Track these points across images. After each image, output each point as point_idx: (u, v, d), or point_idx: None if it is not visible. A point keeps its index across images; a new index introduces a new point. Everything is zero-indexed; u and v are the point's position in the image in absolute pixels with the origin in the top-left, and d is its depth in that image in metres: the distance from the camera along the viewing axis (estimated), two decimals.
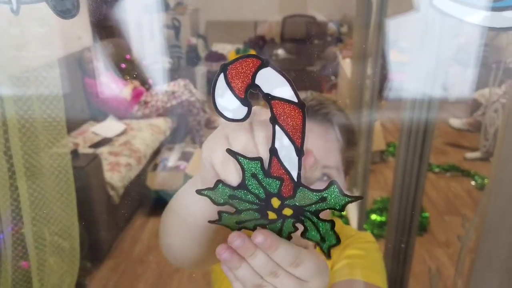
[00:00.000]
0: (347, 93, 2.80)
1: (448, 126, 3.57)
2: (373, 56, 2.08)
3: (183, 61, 4.18)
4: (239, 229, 0.31)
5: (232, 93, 0.26)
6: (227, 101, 0.26)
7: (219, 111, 0.27)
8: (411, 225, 1.54)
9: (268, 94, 0.26)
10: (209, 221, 0.32)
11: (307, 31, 4.36)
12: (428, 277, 1.60)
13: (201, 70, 4.00)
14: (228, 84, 0.26)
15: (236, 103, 0.26)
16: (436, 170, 2.96)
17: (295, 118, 0.26)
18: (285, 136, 0.27)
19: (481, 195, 2.66)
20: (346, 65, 3.09)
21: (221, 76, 0.26)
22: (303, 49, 4.35)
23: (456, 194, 2.71)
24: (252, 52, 4.07)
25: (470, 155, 3.13)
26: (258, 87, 0.26)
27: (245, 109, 0.27)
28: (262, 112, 0.29)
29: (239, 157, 0.28)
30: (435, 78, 1.32)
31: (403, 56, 2.51)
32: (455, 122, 3.54)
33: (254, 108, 0.28)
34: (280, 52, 4.40)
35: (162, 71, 3.83)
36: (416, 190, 1.51)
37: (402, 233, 1.56)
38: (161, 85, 3.25)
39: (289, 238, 0.31)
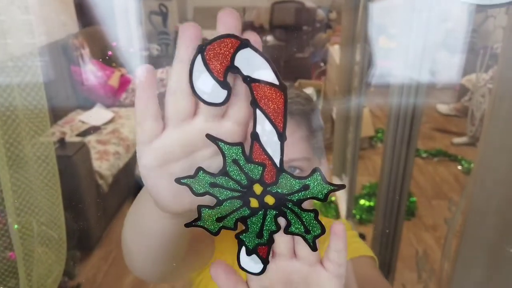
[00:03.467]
0: (336, 79, 2.80)
1: (435, 111, 3.60)
2: (361, 42, 2.07)
3: (171, 48, 4.12)
4: (219, 230, 0.30)
5: (211, 75, 0.25)
6: (205, 84, 0.25)
7: (197, 94, 0.26)
8: (399, 210, 1.55)
9: (248, 77, 0.25)
10: (186, 224, 0.29)
11: (296, 17, 4.32)
12: (416, 260, 1.63)
13: None
14: (206, 65, 0.25)
15: (215, 85, 0.25)
16: (424, 155, 2.99)
17: (276, 101, 0.25)
18: (267, 121, 0.26)
19: (468, 179, 2.71)
20: (335, 52, 3.08)
21: (199, 57, 0.25)
22: (292, 35, 4.32)
23: (443, 178, 2.75)
24: None
25: (457, 140, 3.16)
26: (237, 69, 0.25)
27: (224, 92, 0.26)
28: None
29: (220, 143, 0.27)
30: (422, 64, 1.32)
31: (391, 42, 2.50)
32: (443, 107, 3.57)
33: None
34: (269, 38, 4.37)
35: (150, 58, 3.78)
36: (404, 175, 1.52)
37: (390, 217, 1.58)
38: None
39: (270, 240, 0.30)
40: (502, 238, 0.93)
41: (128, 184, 2.50)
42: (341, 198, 2.27)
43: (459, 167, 2.84)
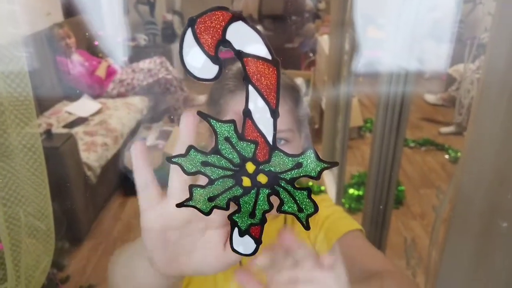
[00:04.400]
0: (325, 70, 2.80)
1: (423, 101, 3.63)
2: (349, 32, 2.07)
3: (158, 38, 4.07)
4: (211, 209, 0.30)
5: (201, 49, 0.24)
6: (196, 59, 0.25)
7: (188, 70, 0.25)
8: (388, 199, 1.57)
9: (240, 51, 0.25)
10: (177, 204, 0.30)
11: (285, 7, 4.30)
12: (404, 248, 1.65)
13: (177, 47, 3.90)
14: (197, 39, 0.24)
15: (206, 60, 0.25)
16: (412, 144, 3.01)
17: (269, 76, 0.25)
18: (259, 97, 0.25)
19: (455, 168, 2.74)
20: (324, 42, 3.08)
21: (189, 31, 0.24)
22: (281, 25, 4.30)
23: (430, 167, 2.78)
24: None
25: (444, 129, 3.19)
26: (229, 43, 0.25)
27: (215, 67, 0.25)
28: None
29: (211, 120, 0.26)
30: (410, 53, 1.33)
31: (380, 32, 2.51)
32: (430, 97, 3.60)
33: None
34: (258, 28, 4.34)
35: (138, 48, 3.74)
36: (392, 164, 1.53)
37: (379, 206, 1.59)
38: (136, 63, 3.16)
39: (263, 219, 0.30)
40: (489, 225, 0.95)
41: (117, 175, 2.48)
42: (330, 187, 2.28)
43: (446, 156, 2.88)
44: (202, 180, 0.29)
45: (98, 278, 1.84)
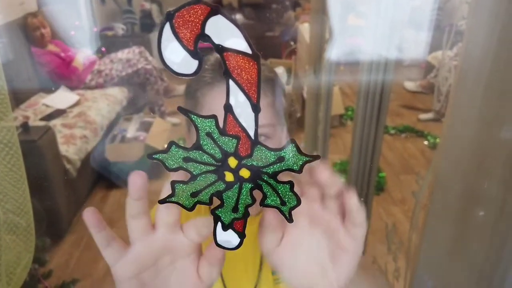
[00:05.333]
0: (306, 58, 2.80)
1: (402, 88, 3.68)
2: (328, 20, 2.07)
3: (137, 28, 3.99)
4: (194, 205, 0.29)
5: (180, 44, 0.24)
6: (175, 54, 0.24)
7: (166, 65, 0.25)
8: (369, 185, 1.59)
9: (219, 45, 0.24)
10: (160, 201, 0.30)
11: None
12: (385, 233, 1.68)
13: (156, 37, 3.84)
14: (175, 34, 0.24)
15: (185, 55, 0.24)
16: (392, 131, 3.06)
17: (249, 71, 0.25)
18: (240, 92, 0.25)
19: (434, 153, 2.79)
20: (305, 30, 3.07)
21: (167, 25, 0.24)
22: (262, 14, 4.27)
23: (410, 154, 2.83)
24: None
25: (423, 116, 3.25)
26: (208, 37, 0.24)
27: (195, 63, 0.25)
28: None
29: (192, 115, 0.26)
30: (390, 41, 1.34)
31: (360, 20, 2.52)
32: (409, 84, 3.65)
33: None
34: (238, 17, 4.30)
35: (115, 38, 3.66)
36: (373, 151, 1.55)
37: (361, 193, 1.62)
38: (114, 53, 3.10)
39: (246, 213, 0.30)
40: (466, 210, 0.97)
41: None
42: None
43: (425, 143, 2.93)
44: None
45: (81, 272, 1.82)
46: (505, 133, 0.90)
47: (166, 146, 0.28)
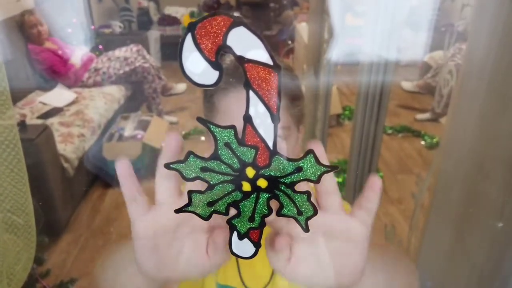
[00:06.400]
0: (304, 57, 2.80)
1: (400, 88, 3.69)
2: (328, 20, 2.07)
3: (134, 25, 3.98)
4: (210, 214, 0.29)
5: (201, 55, 0.24)
6: (196, 65, 0.24)
7: (187, 75, 0.25)
8: None
9: (241, 57, 0.24)
10: (176, 210, 0.30)
11: None
12: (384, 233, 1.69)
13: (154, 34, 3.83)
14: (197, 45, 0.24)
15: (206, 66, 0.24)
16: (389, 131, 3.07)
17: (270, 82, 0.25)
18: (260, 103, 0.25)
19: (431, 154, 2.81)
20: (303, 29, 3.07)
21: (189, 36, 0.24)
22: (260, 13, 4.27)
23: (407, 153, 2.84)
24: None
25: (420, 116, 3.26)
26: (230, 48, 0.24)
27: (216, 73, 0.25)
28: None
29: (211, 126, 0.26)
30: (389, 41, 1.34)
31: (358, 20, 2.52)
32: (407, 84, 3.66)
33: None
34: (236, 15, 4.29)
35: (113, 36, 3.64)
36: (372, 151, 1.56)
37: (360, 192, 1.62)
38: (112, 51, 3.09)
39: (262, 224, 0.30)
40: (466, 212, 0.98)
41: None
42: None
43: (422, 143, 2.94)
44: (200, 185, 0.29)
45: (79, 271, 1.81)
46: (506, 135, 0.91)
47: (163, 144, 0.29)
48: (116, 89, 2.94)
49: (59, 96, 2.65)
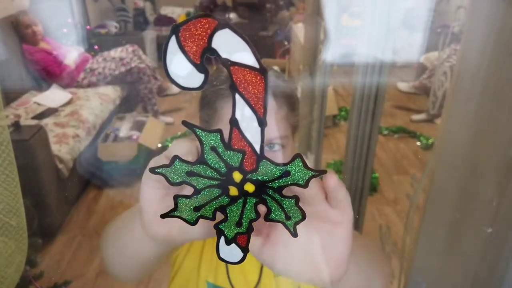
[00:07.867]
0: (300, 58, 2.80)
1: (395, 89, 3.69)
2: (324, 20, 2.07)
3: (130, 26, 3.96)
4: (197, 219, 0.29)
5: (186, 57, 0.23)
6: (180, 67, 0.24)
7: (171, 78, 0.24)
8: (363, 186, 1.59)
9: (226, 59, 0.24)
10: (162, 215, 0.29)
11: None
12: (379, 234, 1.68)
13: (150, 35, 3.81)
14: (181, 47, 0.23)
15: (191, 69, 0.24)
16: (385, 132, 3.07)
17: (256, 85, 0.24)
18: (246, 106, 0.25)
19: (426, 154, 2.81)
20: (299, 30, 3.07)
21: (173, 38, 0.23)
22: (256, 13, 4.26)
23: (403, 154, 2.84)
24: None
25: (416, 117, 3.27)
26: (215, 51, 0.24)
27: (201, 76, 0.24)
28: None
29: (197, 130, 0.25)
30: (386, 42, 1.34)
31: (354, 21, 2.52)
32: (402, 85, 3.66)
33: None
34: (232, 16, 4.28)
35: (108, 36, 3.63)
36: (368, 152, 1.55)
37: (355, 193, 1.62)
38: (107, 51, 3.07)
39: (250, 228, 0.29)
40: (462, 212, 0.97)
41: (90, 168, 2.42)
42: None
43: (418, 143, 2.95)
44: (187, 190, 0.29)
45: (73, 273, 1.80)
46: (500, 136, 0.91)
47: (159, 145, 0.28)
48: (111, 90, 2.92)
49: (54, 96, 2.63)
